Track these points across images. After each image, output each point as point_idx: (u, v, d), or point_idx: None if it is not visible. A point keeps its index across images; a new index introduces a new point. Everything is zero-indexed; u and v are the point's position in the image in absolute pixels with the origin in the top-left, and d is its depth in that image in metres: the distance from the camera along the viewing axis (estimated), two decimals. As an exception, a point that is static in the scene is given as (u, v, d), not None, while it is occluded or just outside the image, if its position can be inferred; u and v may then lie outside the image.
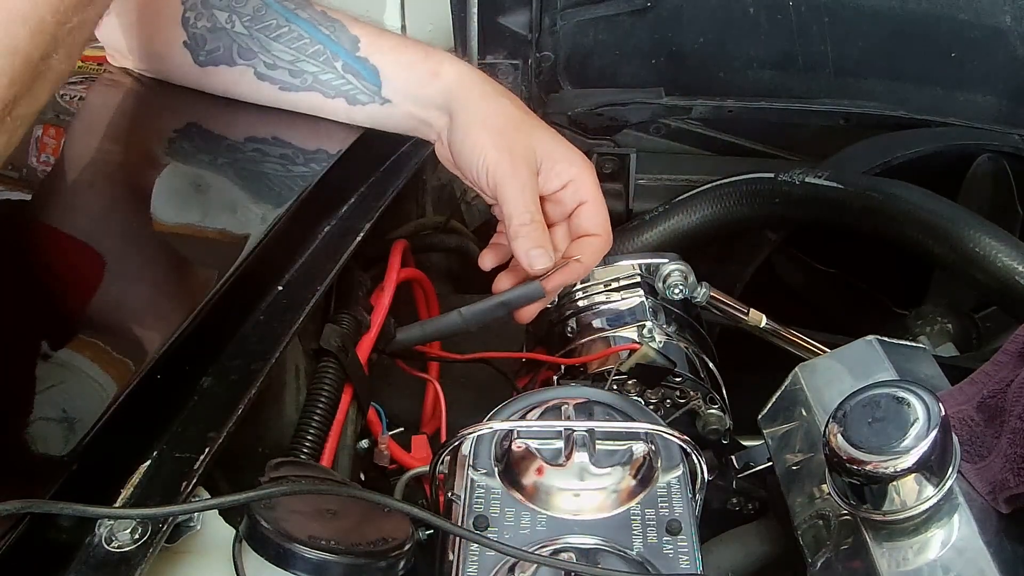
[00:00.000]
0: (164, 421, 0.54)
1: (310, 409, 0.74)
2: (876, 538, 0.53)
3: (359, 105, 0.81)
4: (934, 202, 0.89)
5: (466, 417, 0.63)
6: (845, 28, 1.18)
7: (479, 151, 0.75)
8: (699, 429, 0.75)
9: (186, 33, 0.80)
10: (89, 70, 0.92)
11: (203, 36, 0.80)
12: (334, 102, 0.81)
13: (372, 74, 0.80)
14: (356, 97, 0.80)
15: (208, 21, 0.80)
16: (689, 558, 0.53)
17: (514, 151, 0.74)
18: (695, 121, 1.24)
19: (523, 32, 1.22)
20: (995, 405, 0.56)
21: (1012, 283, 0.82)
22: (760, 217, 1.02)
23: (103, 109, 0.89)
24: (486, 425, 0.60)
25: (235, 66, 0.80)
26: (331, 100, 0.81)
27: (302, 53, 0.80)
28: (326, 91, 0.81)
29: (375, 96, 0.80)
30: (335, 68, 0.79)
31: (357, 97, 0.80)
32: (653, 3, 1.21)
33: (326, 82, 0.80)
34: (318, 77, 0.80)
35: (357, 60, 0.79)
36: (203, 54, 0.81)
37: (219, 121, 0.84)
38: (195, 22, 0.80)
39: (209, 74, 0.82)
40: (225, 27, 0.79)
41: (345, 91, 0.80)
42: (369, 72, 0.80)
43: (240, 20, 0.79)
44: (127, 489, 0.51)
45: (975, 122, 1.12)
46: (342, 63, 0.79)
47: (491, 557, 0.52)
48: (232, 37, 0.79)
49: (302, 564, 0.48)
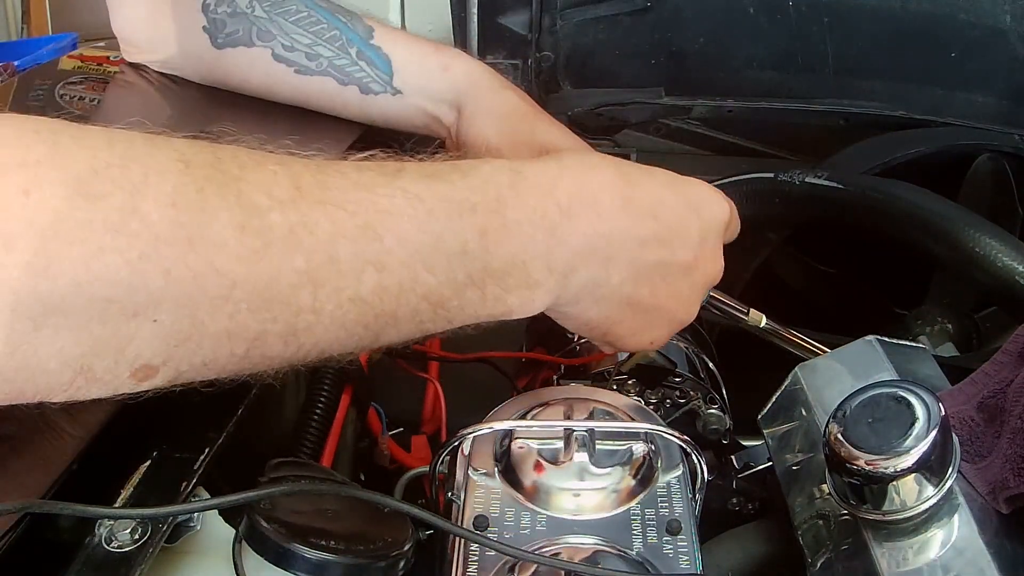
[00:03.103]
0: (164, 421, 0.54)
1: (310, 409, 0.74)
2: (876, 538, 0.53)
3: (371, 95, 0.81)
4: (934, 202, 0.89)
5: (466, 417, 0.63)
6: (845, 28, 1.18)
7: (482, 138, 0.76)
8: (699, 429, 0.75)
9: (206, 18, 0.82)
10: (89, 70, 0.92)
11: (223, 20, 0.81)
12: (347, 89, 0.82)
13: (385, 63, 0.81)
14: (369, 86, 0.81)
15: (228, 7, 0.81)
16: (689, 558, 0.53)
17: (516, 139, 0.75)
18: (695, 121, 1.23)
19: (523, 32, 1.22)
20: (995, 405, 0.56)
21: (1012, 283, 0.82)
22: (760, 217, 1.02)
23: (111, 111, 0.89)
24: (486, 425, 0.60)
25: (253, 47, 0.81)
26: (345, 87, 0.82)
27: (319, 37, 0.81)
28: (340, 77, 0.81)
29: (387, 86, 0.81)
30: (349, 54, 0.80)
31: (370, 86, 0.81)
32: (653, 3, 1.21)
33: (340, 67, 0.81)
34: (333, 62, 0.81)
35: (371, 47, 0.80)
36: (222, 37, 0.82)
37: (222, 123, 0.84)
38: (215, 7, 0.81)
39: (226, 56, 0.83)
40: (245, 11, 0.81)
41: (358, 78, 0.81)
42: (382, 61, 0.81)
43: (260, 5, 0.81)
44: (127, 489, 0.51)
45: (975, 122, 1.12)
46: (356, 50, 0.80)
47: (491, 557, 0.52)
48: (252, 20, 0.81)
49: (302, 564, 0.48)
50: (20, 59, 1.83)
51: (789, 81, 1.22)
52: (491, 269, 0.49)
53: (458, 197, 0.49)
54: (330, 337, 0.46)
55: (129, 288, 0.39)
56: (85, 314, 0.39)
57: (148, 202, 0.39)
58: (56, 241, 0.37)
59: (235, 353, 0.44)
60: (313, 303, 0.44)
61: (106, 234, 0.38)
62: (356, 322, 0.46)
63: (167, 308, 0.40)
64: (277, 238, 0.42)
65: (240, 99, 0.86)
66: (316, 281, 0.44)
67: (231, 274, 0.41)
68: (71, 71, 0.93)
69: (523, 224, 0.50)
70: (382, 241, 0.45)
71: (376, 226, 0.45)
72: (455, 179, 0.50)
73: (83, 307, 0.39)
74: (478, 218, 0.49)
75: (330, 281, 0.44)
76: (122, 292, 0.39)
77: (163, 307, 0.40)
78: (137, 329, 0.40)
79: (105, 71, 0.92)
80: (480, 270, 0.49)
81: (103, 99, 0.88)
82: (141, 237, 0.39)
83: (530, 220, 0.51)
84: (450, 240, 0.48)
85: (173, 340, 0.42)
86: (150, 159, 0.40)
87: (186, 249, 0.40)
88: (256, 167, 0.44)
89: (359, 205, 0.45)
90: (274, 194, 0.43)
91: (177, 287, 0.40)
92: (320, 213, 0.44)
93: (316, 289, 0.44)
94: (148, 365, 0.42)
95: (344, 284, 0.45)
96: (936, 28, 1.15)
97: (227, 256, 0.41)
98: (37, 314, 0.38)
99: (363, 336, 0.48)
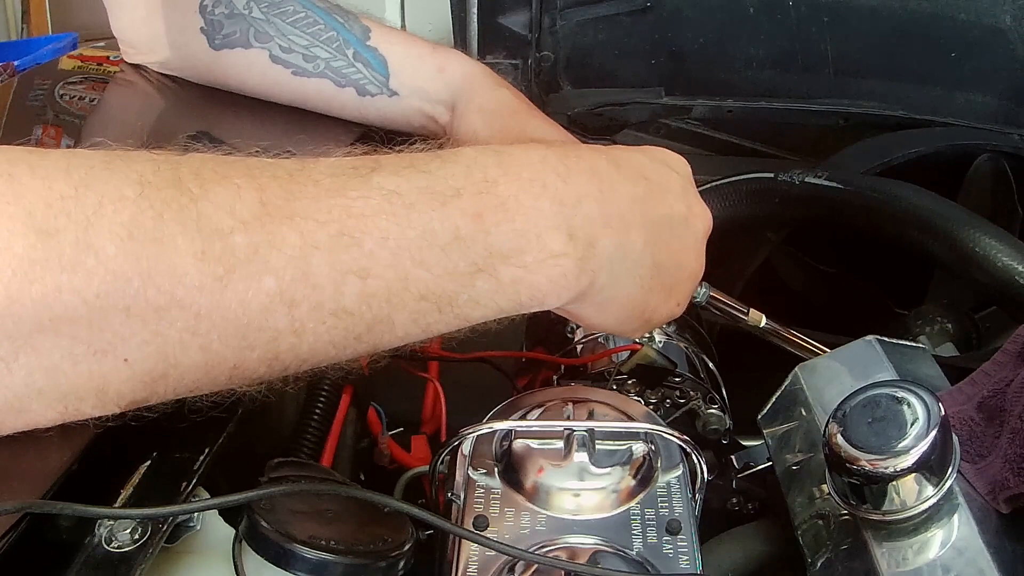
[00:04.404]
0: (164, 421, 0.54)
1: (310, 409, 0.74)
2: (876, 538, 0.53)
3: (368, 96, 0.81)
4: (934, 202, 0.89)
5: (466, 417, 0.63)
6: (845, 28, 1.18)
7: (471, 133, 0.76)
8: (699, 429, 0.75)
9: (203, 20, 0.82)
10: (89, 70, 0.92)
11: (220, 22, 0.81)
12: (344, 91, 0.82)
13: (381, 64, 0.81)
14: (365, 88, 0.81)
15: (226, 8, 0.81)
16: (689, 558, 0.53)
17: (506, 135, 0.75)
18: (695, 121, 1.23)
19: (523, 32, 1.22)
20: (995, 405, 0.56)
21: (1012, 283, 0.82)
22: (760, 217, 1.02)
23: (110, 111, 0.89)
24: (486, 425, 0.60)
25: (250, 48, 0.81)
26: (342, 89, 0.82)
27: (316, 39, 0.81)
28: (337, 79, 0.81)
29: (383, 88, 0.81)
30: (346, 56, 0.80)
31: (367, 88, 0.81)
32: (653, 3, 1.21)
33: (337, 69, 0.81)
34: (330, 64, 0.81)
35: (367, 48, 0.80)
36: (219, 38, 0.82)
37: (222, 123, 0.85)
38: (213, 9, 0.81)
39: (223, 57, 0.83)
40: (243, 12, 0.81)
41: (355, 80, 0.81)
42: (378, 62, 0.81)
43: (258, 6, 0.80)
44: (127, 489, 0.51)
45: (975, 122, 1.12)
46: (353, 51, 0.80)
47: (491, 557, 0.52)
48: (249, 22, 0.81)
49: (302, 564, 0.48)
50: (20, 59, 1.83)
51: (789, 81, 1.22)
52: (497, 251, 0.47)
53: (439, 186, 0.46)
54: (318, 354, 0.44)
55: (90, 327, 0.38)
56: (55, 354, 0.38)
57: (103, 235, 0.37)
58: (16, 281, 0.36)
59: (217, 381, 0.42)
60: (291, 324, 0.42)
61: (62, 273, 0.37)
62: (345, 335, 0.44)
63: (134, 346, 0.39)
64: (240, 261, 0.40)
65: (240, 99, 0.86)
66: (291, 301, 0.42)
67: (194, 306, 0.39)
68: (71, 71, 0.93)
69: (521, 197, 0.48)
70: (361, 246, 0.43)
71: (352, 231, 0.43)
72: (434, 168, 0.47)
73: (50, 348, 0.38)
74: (464, 202, 0.46)
75: (307, 298, 0.42)
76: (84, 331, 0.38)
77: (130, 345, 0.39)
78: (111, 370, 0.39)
79: (105, 71, 0.92)
80: (484, 255, 0.47)
81: (103, 99, 0.88)
82: (96, 274, 0.37)
83: (529, 192, 0.48)
84: (438, 230, 0.45)
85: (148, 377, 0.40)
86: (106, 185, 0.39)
87: (145, 283, 0.38)
88: (219, 182, 0.41)
89: (331, 213, 0.43)
90: (237, 212, 0.41)
91: (139, 324, 0.39)
92: (288, 228, 0.41)
93: (291, 309, 0.42)
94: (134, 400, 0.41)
95: (323, 298, 0.42)
96: (936, 28, 1.15)
97: (188, 287, 0.39)
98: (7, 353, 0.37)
99: (356, 347, 0.46)
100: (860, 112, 1.16)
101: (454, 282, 0.46)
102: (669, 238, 0.57)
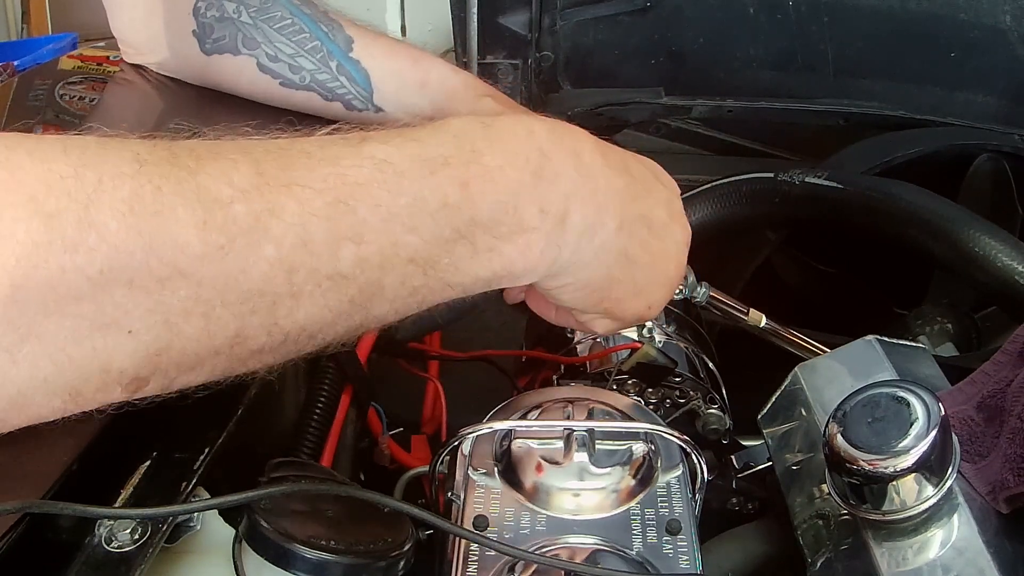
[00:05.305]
0: (164, 421, 0.54)
1: (310, 409, 0.74)
2: (876, 538, 0.53)
3: (355, 111, 0.81)
4: (934, 202, 0.89)
5: (466, 417, 0.63)
6: (845, 28, 1.18)
7: None
8: (699, 429, 0.75)
9: (196, 22, 0.81)
10: (89, 70, 0.92)
11: (211, 25, 0.81)
12: (332, 105, 0.82)
13: (364, 79, 0.81)
14: (351, 103, 0.81)
15: (217, 11, 0.81)
16: (689, 558, 0.53)
17: None
18: (695, 121, 1.24)
19: (523, 32, 1.23)
20: (995, 405, 0.56)
21: (1012, 283, 0.82)
22: (760, 217, 1.02)
23: (110, 111, 0.89)
24: (486, 425, 0.60)
25: (239, 55, 0.81)
26: (330, 103, 0.82)
27: (301, 48, 0.80)
28: (323, 93, 0.81)
29: (368, 103, 0.81)
30: (330, 68, 0.80)
31: (352, 103, 0.81)
32: (653, 3, 1.21)
33: (322, 83, 0.81)
34: (315, 76, 0.81)
35: (350, 60, 0.80)
36: (209, 42, 0.82)
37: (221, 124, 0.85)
38: (205, 12, 0.81)
39: (213, 63, 0.83)
40: (232, 17, 0.80)
41: (340, 95, 0.81)
42: (361, 76, 0.81)
43: (247, 11, 0.80)
44: (127, 489, 0.51)
45: (975, 122, 1.12)
46: (336, 63, 0.80)
47: (491, 557, 0.52)
48: (238, 26, 0.80)
49: (302, 564, 0.48)
50: (20, 59, 1.83)
51: (789, 81, 1.23)
52: (478, 219, 0.48)
53: (428, 154, 0.48)
54: (315, 319, 0.45)
55: (95, 304, 0.38)
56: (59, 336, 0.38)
57: (104, 212, 0.38)
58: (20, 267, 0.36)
59: (219, 351, 0.43)
60: (290, 288, 0.43)
61: (65, 253, 0.37)
62: (340, 298, 0.45)
63: (137, 317, 0.39)
64: (242, 230, 0.41)
65: (238, 100, 0.86)
66: (290, 266, 0.43)
67: (197, 274, 0.40)
68: (71, 71, 0.93)
69: (505, 169, 0.49)
70: (356, 213, 0.44)
71: (347, 199, 0.44)
72: (423, 137, 0.49)
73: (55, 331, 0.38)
74: (452, 171, 0.48)
75: (305, 263, 0.43)
76: (89, 308, 0.38)
77: (133, 316, 0.39)
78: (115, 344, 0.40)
79: (105, 71, 0.92)
80: (467, 222, 0.48)
81: (102, 99, 0.88)
82: (99, 251, 0.38)
83: (512, 164, 0.50)
84: (429, 197, 0.47)
85: (153, 348, 0.41)
86: (104, 164, 0.39)
87: (147, 255, 0.39)
88: (215, 158, 0.42)
89: (327, 181, 0.44)
90: (235, 183, 0.42)
91: (144, 295, 0.39)
92: (286, 196, 0.43)
93: (291, 274, 0.43)
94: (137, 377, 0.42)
95: (320, 264, 0.44)
96: (936, 28, 1.15)
97: (190, 256, 0.40)
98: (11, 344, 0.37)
99: (351, 312, 0.47)
100: (860, 112, 1.16)
101: (438, 247, 0.48)
102: (647, 237, 0.58)
